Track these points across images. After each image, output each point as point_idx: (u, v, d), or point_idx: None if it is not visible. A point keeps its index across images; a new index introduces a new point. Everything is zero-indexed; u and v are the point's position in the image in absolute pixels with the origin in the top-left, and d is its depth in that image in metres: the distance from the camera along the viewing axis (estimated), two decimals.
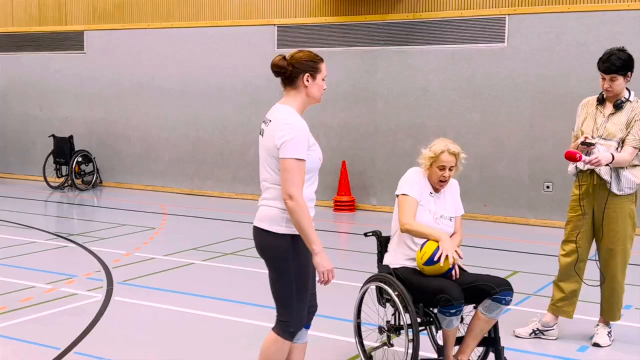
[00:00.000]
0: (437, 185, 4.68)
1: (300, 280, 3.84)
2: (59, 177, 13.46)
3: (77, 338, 5.43)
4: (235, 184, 12.61)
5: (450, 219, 4.72)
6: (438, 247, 4.38)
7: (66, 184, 13.35)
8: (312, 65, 3.89)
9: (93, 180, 13.50)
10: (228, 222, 10.39)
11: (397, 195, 4.68)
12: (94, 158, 13.56)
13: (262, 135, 3.92)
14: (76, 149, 13.44)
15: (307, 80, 3.88)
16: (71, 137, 13.44)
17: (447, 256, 4.36)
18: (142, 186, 13.47)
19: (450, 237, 4.64)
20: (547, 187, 10.26)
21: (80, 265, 7.66)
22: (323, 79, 3.94)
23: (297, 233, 3.79)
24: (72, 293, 6.62)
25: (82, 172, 13.48)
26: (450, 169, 4.65)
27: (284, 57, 3.89)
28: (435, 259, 4.37)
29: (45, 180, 13.39)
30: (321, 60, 3.94)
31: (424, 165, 4.70)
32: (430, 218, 4.62)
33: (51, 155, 13.48)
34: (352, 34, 11.44)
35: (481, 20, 10.52)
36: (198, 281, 7.20)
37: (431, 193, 4.68)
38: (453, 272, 4.45)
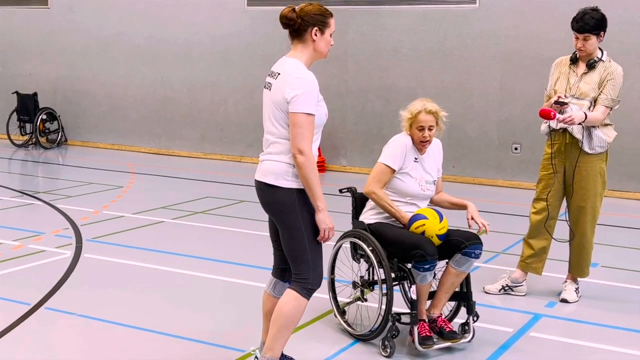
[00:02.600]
0: (419, 146, 4.66)
1: (311, 233, 3.78)
2: (22, 135, 13.20)
3: (48, 294, 5.38)
4: (204, 143, 12.50)
5: (434, 182, 4.75)
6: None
7: (30, 142, 13.10)
8: (321, 19, 3.80)
9: (58, 139, 13.26)
10: (197, 182, 10.32)
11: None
12: (59, 116, 13.31)
13: (270, 89, 3.82)
14: (40, 106, 13.17)
15: (316, 35, 3.79)
16: (35, 94, 13.16)
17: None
18: (108, 145, 13.28)
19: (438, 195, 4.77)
20: (515, 148, 10.36)
21: (47, 223, 7.56)
22: (331, 35, 3.84)
23: (303, 187, 3.75)
24: (41, 250, 6.54)
25: (47, 130, 13.23)
26: (430, 129, 4.61)
27: (293, 9, 3.79)
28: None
29: (9, 138, 13.10)
30: (331, 15, 3.84)
31: (405, 128, 4.68)
32: (416, 186, 4.63)
33: (15, 113, 13.20)
34: None
35: None
36: (168, 239, 7.16)
37: (416, 159, 4.66)
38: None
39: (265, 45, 11.82)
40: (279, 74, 3.79)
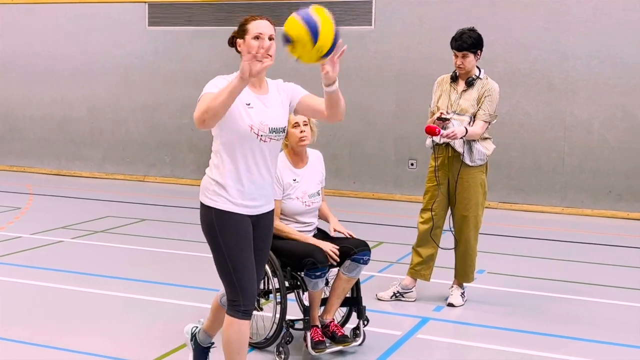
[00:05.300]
0: (299, 147, 4.74)
1: (233, 255, 3.66)
2: None
3: None
4: (106, 163, 12.40)
5: (318, 193, 4.89)
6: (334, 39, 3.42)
7: None
8: (239, 28, 3.78)
9: None
10: (98, 202, 10.24)
11: None
12: None
13: None
14: None
15: (240, 45, 3.77)
16: None
17: None
18: (5, 167, 12.97)
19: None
20: (412, 164, 10.78)
21: None
22: (257, 37, 3.67)
23: (221, 208, 3.66)
24: None
25: None
26: (305, 124, 4.70)
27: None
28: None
29: None
30: (249, 19, 3.74)
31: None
32: (299, 204, 4.74)
33: None
34: (223, 13, 11.49)
35: (349, 3, 10.86)
36: (66, 258, 7.11)
37: (295, 179, 4.75)
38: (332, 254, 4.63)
39: (166, 65, 11.89)
40: None
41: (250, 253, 3.73)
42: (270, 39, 3.70)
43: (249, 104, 3.68)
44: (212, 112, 3.40)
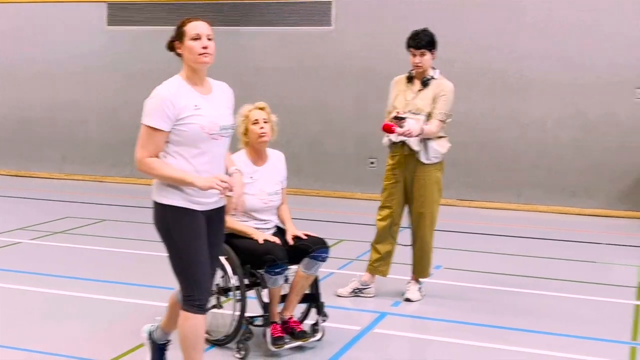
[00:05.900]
0: (258, 143, 4.80)
1: (188, 251, 3.74)
2: None
3: None
4: (65, 164, 12.31)
5: (277, 193, 4.95)
6: None
7: None
8: (176, 32, 3.86)
9: None
10: (57, 202, 10.18)
11: None
12: None
13: None
14: None
15: (179, 48, 3.83)
16: None
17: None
18: None
19: (279, 207, 4.96)
20: (372, 162, 10.91)
21: None
22: (194, 39, 3.77)
23: (176, 205, 3.73)
24: None
25: None
26: (265, 122, 4.80)
27: None
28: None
29: None
30: (185, 22, 3.88)
31: (241, 136, 4.82)
32: (256, 201, 4.79)
33: None
34: (183, 13, 11.47)
35: (309, 4, 10.95)
36: (25, 260, 7.07)
37: (252, 177, 4.79)
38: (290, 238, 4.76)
39: (126, 64, 11.85)
40: None
41: (204, 248, 3.80)
42: (209, 39, 3.80)
43: (196, 106, 3.76)
44: (153, 176, 3.72)
